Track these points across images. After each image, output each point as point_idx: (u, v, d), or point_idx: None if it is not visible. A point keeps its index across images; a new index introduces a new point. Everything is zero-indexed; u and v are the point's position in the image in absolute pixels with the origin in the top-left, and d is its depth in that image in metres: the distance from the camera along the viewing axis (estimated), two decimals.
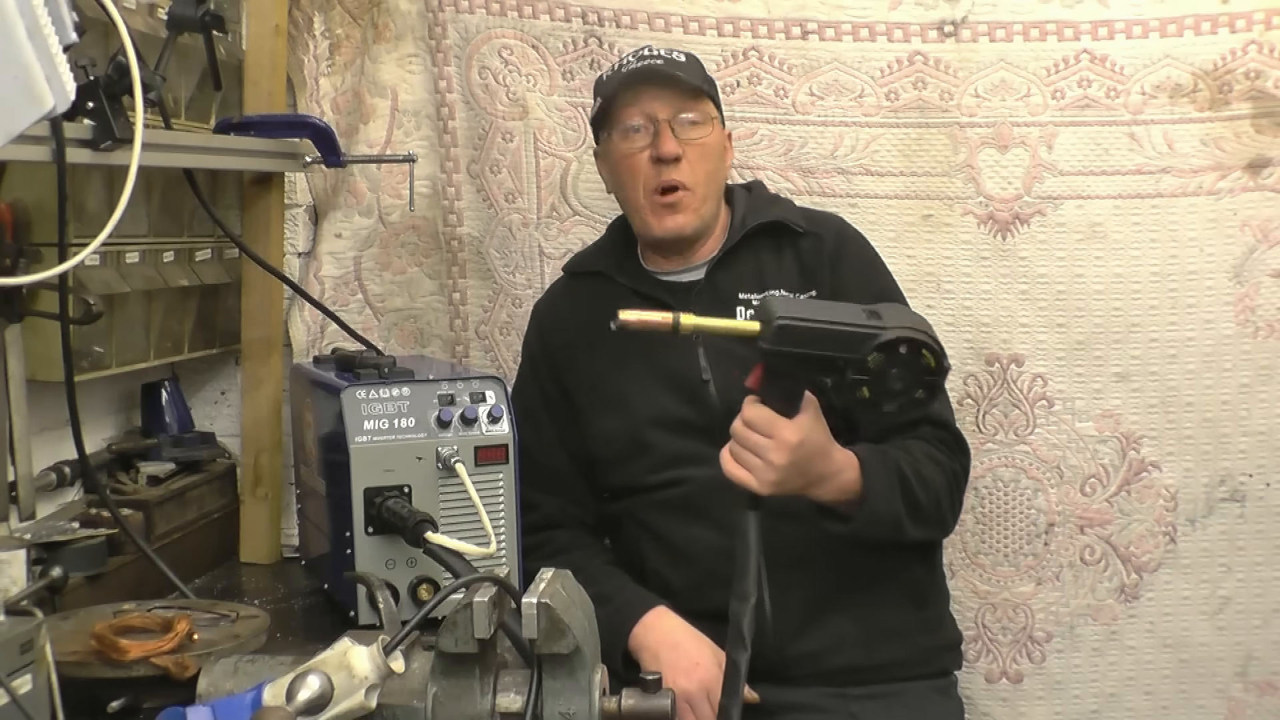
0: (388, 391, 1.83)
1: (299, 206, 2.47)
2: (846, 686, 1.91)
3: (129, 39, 1.47)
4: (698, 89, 1.95)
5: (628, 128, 1.96)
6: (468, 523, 1.78)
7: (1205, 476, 2.30)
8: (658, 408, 1.97)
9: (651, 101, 1.94)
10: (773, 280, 1.98)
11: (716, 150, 1.99)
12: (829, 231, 2.03)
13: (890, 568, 1.94)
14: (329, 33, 2.44)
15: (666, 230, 1.97)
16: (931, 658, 1.99)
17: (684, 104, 1.94)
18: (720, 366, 1.93)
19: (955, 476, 1.92)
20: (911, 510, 1.83)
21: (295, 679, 1.14)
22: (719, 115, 2.01)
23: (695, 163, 1.94)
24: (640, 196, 1.97)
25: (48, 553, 1.76)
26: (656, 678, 1.21)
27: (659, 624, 1.88)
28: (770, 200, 2.09)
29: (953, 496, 1.92)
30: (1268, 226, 2.27)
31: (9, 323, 1.71)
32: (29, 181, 1.74)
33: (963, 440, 1.97)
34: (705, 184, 1.96)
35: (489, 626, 1.15)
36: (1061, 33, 2.28)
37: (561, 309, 2.13)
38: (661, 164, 1.93)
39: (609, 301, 2.01)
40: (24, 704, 1.16)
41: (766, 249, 2.01)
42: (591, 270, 2.11)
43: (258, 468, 2.37)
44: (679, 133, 1.93)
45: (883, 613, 1.93)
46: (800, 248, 2.00)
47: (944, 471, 1.90)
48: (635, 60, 1.99)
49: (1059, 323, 2.30)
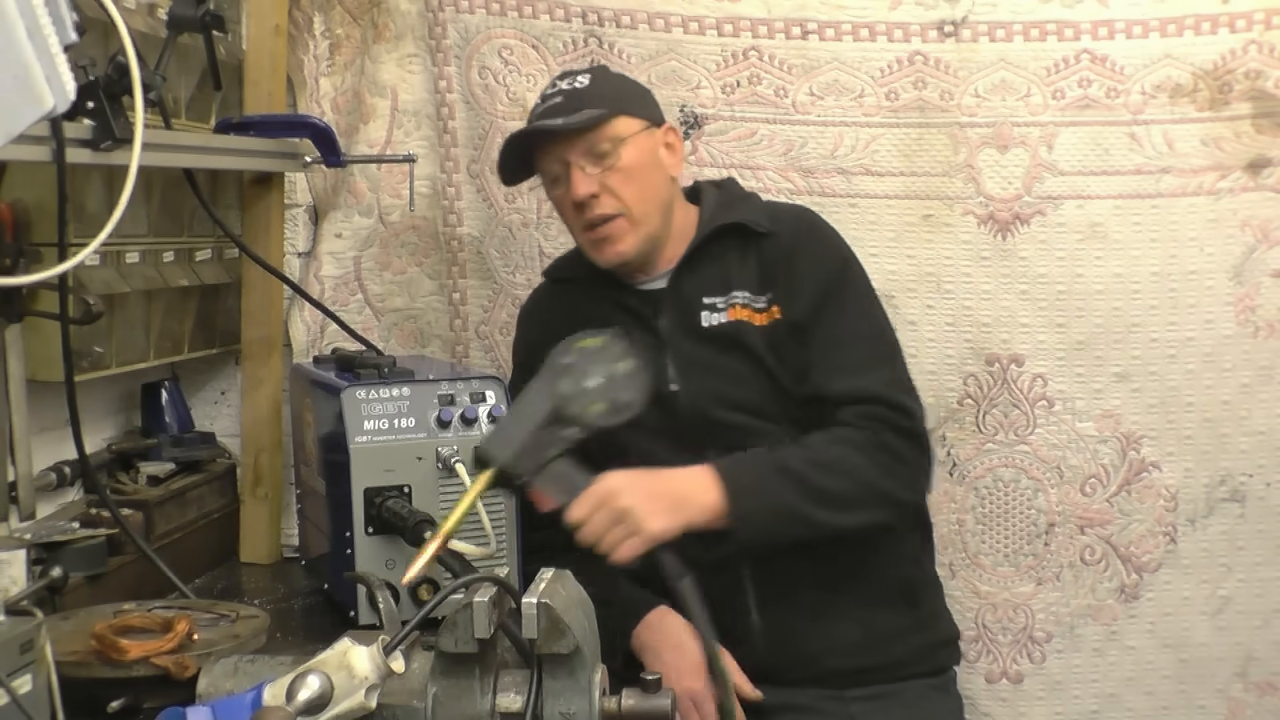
0: (388, 391, 1.83)
1: (299, 206, 2.47)
2: (844, 688, 1.91)
3: (129, 39, 1.47)
4: (598, 120, 1.91)
5: (551, 177, 1.96)
6: (468, 523, 1.77)
7: (1205, 476, 2.30)
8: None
9: (558, 147, 1.92)
10: (737, 282, 1.95)
11: (641, 165, 1.94)
12: (787, 230, 1.98)
13: (876, 566, 1.93)
14: (329, 33, 2.44)
15: (609, 261, 1.95)
16: (927, 655, 1.99)
17: (587, 140, 1.91)
18: (689, 375, 1.93)
19: (884, 448, 1.84)
20: (817, 498, 1.79)
21: (295, 679, 1.14)
22: (645, 120, 1.97)
23: (618, 188, 1.91)
24: (579, 235, 1.98)
25: (48, 553, 1.76)
26: (657, 678, 1.21)
27: (661, 624, 1.88)
28: (737, 199, 2.06)
29: (886, 468, 1.84)
30: (1268, 226, 2.27)
31: (9, 323, 1.71)
32: (29, 181, 1.73)
33: (897, 402, 1.88)
34: (638, 204, 1.93)
35: (489, 626, 1.15)
36: (1061, 33, 2.28)
37: (542, 316, 2.12)
38: (581, 206, 1.91)
39: (588, 308, 2.02)
40: (24, 704, 1.16)
41: (732, 250, 1.97)
42: (567, 277, 2.11)
43: (258, 468, 2.37)
44: (590, 168, 1.91)
45: (875, 614, 1.93)
46: (762, 248, 1.97)
47: (858, 447, 1.83)
48: (541, 102, 1.97)
49: (1059, 323, 2.30)
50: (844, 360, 1.90)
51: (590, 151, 1.91)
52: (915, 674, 1.96)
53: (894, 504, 1.89)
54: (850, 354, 1.91)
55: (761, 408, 1.91)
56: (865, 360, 1.92)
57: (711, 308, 1.95)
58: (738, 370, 1.91)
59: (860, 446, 1.84)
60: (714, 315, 1.95)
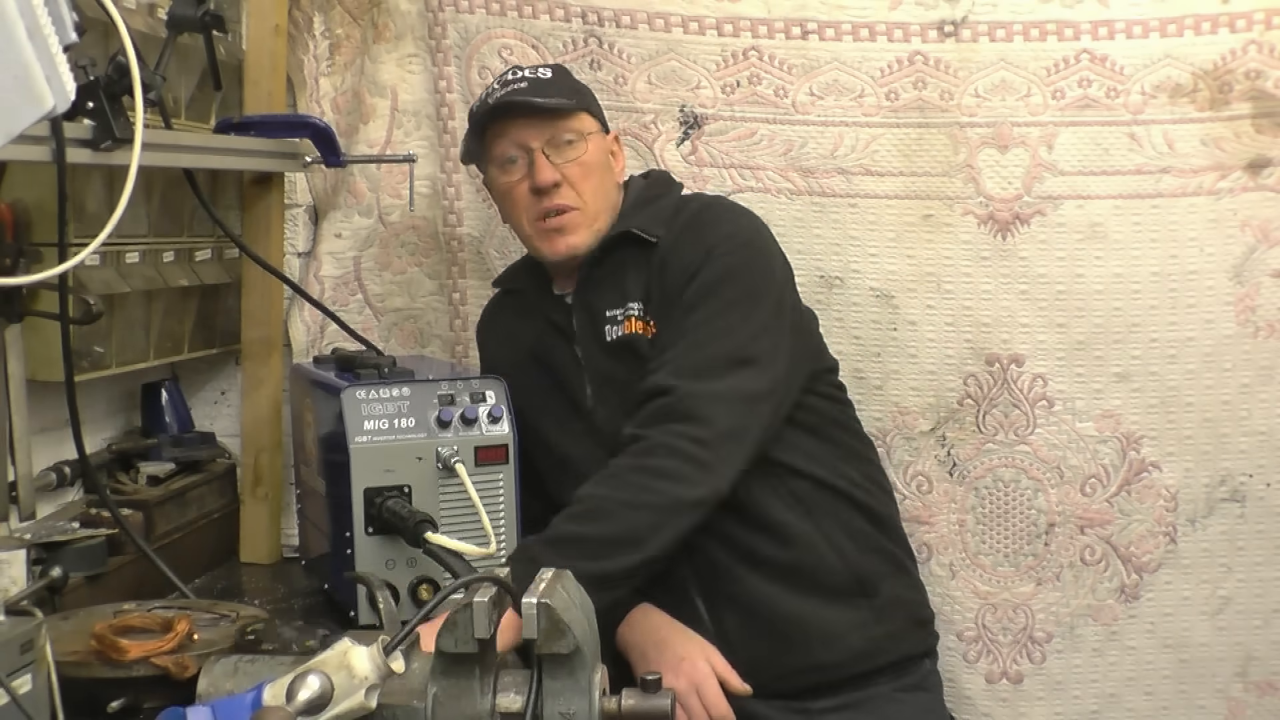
0: (388, 391, 1.83)
1: (299, 206, 2.47)
2: (808, 699, 1.89)
3: (129, 39, 1.47)
4: (567, 109, 1.92)
5: (503, 160, 1.94)
6: (468, 523, 1.78)
7: (1205, 477, 2.30)
8: (568, 431, 1.96)
9: (522, 131, 1.91)
10: (632, 294, 1.92)
11: (599, 164, 1.95)
12: (670, 232, 1.92)
13: (821, 559, 1.90)
14: (329, 33, 2.44)
15: (559, 254, 1.94)
16: (890, 646, 1.94)
17: (556, 127, 1.91)
18: (601, 392, 1.93)
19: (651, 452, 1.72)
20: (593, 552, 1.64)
21: (295, 679, 1.14)
22: (599, 124, 1.98)
23: (577, 182, 1.91)
24: (527, 225, 1.95)
25: (48, 553, 1.76)
26: (657, 678, 1.21)
27: (644, 621, 1.87)
28: (646, 201, 2.00)
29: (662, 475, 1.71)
30: (1268, 226, 2.27)
31: (9, 323, 1.71)
32: (29, 181, 1.74)
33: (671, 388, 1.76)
34: (593, 201, 1.93)
35: (489, 626, 1.15)
36: (1061, 33, 2.28)
37: (491, 331, 2.15)
38: (540, 193, 1.90)
39: (524, 321, 2.04)
40: (24, 704, 1.16)
41: (630, 258, 1.94)
42: (514, 288, 2.11)
43: (258, 468, 2.37)
44: (554, 157, 1.91)
45: (824, 608, 1.89)
46: (651, 255, 1.92)
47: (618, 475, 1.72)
48: (500, 87, 1.95)
49: (1059, 323, 2.30)
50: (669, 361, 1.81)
51: (554, 140, 1.91)
52: (880, 670, 1.92)
53: (693, 506, 1.73)
54: (681, 353, 1.81)
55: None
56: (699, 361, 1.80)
57: (612, 320, 1.93)
58: (634, 386, 1.85)
59: (621, 472, 1.73)
60: (614, 328, 1.92)
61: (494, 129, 1.94)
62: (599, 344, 1.94)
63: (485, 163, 2.00)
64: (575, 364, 1.97)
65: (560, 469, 1.98)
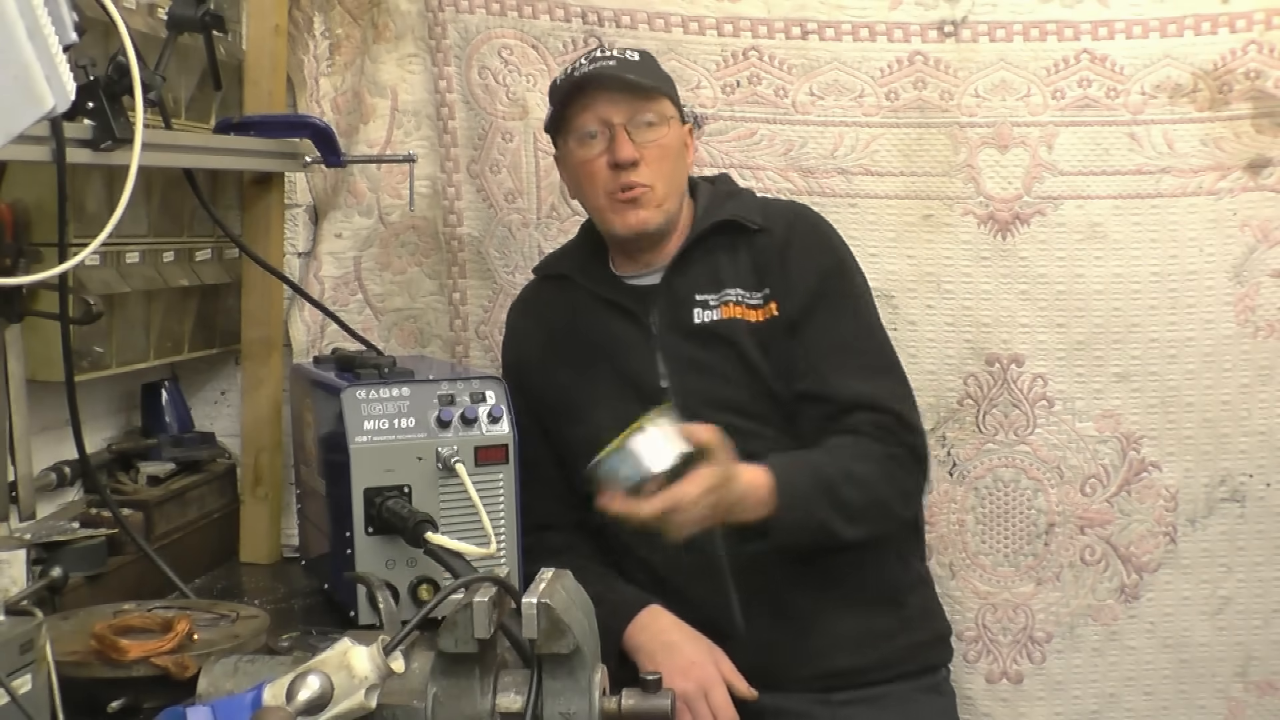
0: (388, 391, 1.83)
1: (299, 206, 2.47)
2: (831, 691, 1.91)
3: (129, 39, 1.47)
4: (653, 89, 1.93)
5: (583, 134, 1.94)
6: (468, 523, 1.78)
7: (1205, 477, 2.30)
8: (621, 415, 1.91)
9: (606, 106, 1.91)
10: (729, 280, 1.96)
11: (675, 149, 1.96)
12: (780, 226, 1.98)
13: (862, 569, 1.93)
14: (329, 33, 2.44)
15: (629, 227, 1.94)
16: (915, 654, 1.98)
17: (639, 106, 1.92)
18: (678, 373, 1.93)
19: (895, 461, 1.88)
20: (840, 511, 1.81)
21: (295, 679, 1.14)
22: (678, 112, 1.99)
23: (654, 163, 1.92)
24: (600, 199, 1.95)
25: (48, 553, 1.76)
26: (657, 677, 1.21)
27: (653, 623, 1.87)
28: (729, 195, 2.06)
29: (896, 484, 1.89)
30: (1268, 226, 2.27)
31: (9, 323, 1.71)
32: (29, 181, 1.73)
33: (906, 417, 1.92)
34: (666, 183, 1.94)
35: (489, 626, 1.15)
36: (1061, 33, 2.28)
37: (530, 316, 2.13)
38: (619, 169, 1.91)
39: (572, 304, 2.03)
40: (24, 704, 1.16)
41: (723, 248, 1.98)
42: (557, 273, 2.10)
43: (258, 468, 2.37)
44: (635, 136, 1.91)
45: (860, 615, 1.92)
46: (755, 245, 1.97)
47: (877, 461, 1.86)
48: (588, 63, 1.96)
49: (1059, 323, 2.30)
50: (849, 365, 1.91)
51: (637, 119, 1.92)
52: (902, 674, 1.95)
53: (893, 519, 1.93)
54: (856, 359, 1.93)
55: (746, 407, 1.91)
56: (872, 367, 1.94)
57: (704, 304, 1.95)
58: (726, 369, 1.91)
59: (877, 459, 1.86)
60: (707, 312, 1.95)
61: (579, 102, 1.93)
62: (682, 325, 1.95)
63: (563, 135, 1.99)
64: (644, 344, 1.96)
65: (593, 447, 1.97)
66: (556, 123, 1.99)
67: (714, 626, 1.89)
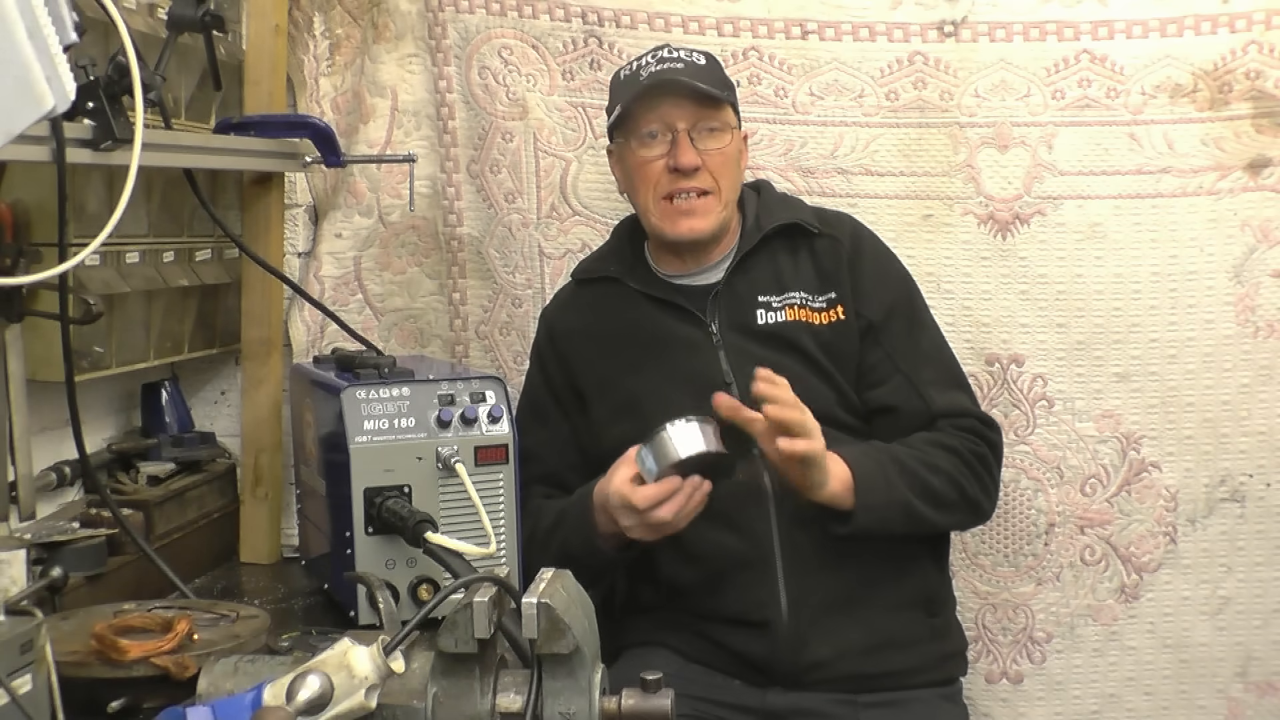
0: (388, 391, 1.83)
1: (299, 206, 2.47)
2: (856, 693, 1.91)
3: (129, 39, 1.47)
4: (718, 98, 1.94)
5: (645, 134, 1.94)
6: (468, 523, 1.78)
7: (1205, 477, 2.30)
8: (675, 411, 1.90)
9: (671, 110, 1.92)
10: (791, 282, 1.98)
11: (734, 157, 1.97)
12: (844, 233, 2.02)
13: (904, 573, 1.94)
14: (329, 33, 2.44)
15: (681, 234, 1.95)
16: (939, 664, 1.99)
17: (704, 114, 1.93)
18: (742, 369, 1.92)
19: (976, 457, 1.93)
20: (924, 496, 1.86)
21: (295, 679, 1.14)
22: (739, 121, 2.00)
23: (714, 170, 1.93)
24: (651, 201, 1.96)
25: (48, 553, 1.76)
26: (657, 677, 1.21)
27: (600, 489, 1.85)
28: (781, 200, 2.09)
29: (979, 478, 1.93)
30: (1268, 226, 2.27)
31: (9, 323, 1.71)
32: (29, 181, 1.74)
33: (987, 419, 2.00)
34: (725, 190, 1.96)
35: (489, 626, 1.15)
36: (1061, 33, 2.28)
37: (571, 314, 2.11)
38: (678, 173, 1.92)
39: (621, 305, 2.03)
40: (24, 704, 1.16)
41: (783, 251, 2.00)
42: (601, 276, 2.09)
43: (258, 468, 2.37)
44: (697, 142, 1.92)
45: (894, 620, 1.93)
46: (815, 249, 2.00)
47: (958, 455, 1.91)
48: (655, 63, 1.96)
49: (1059, 323, 2.30)
50: (934, 377, 1.98)
51: (700, 126, 1.93)
52: (925, 683, 1.96)
53: (979, 513, 1.99)
54: (939, 371, 2.01)
55: (810, 407, 1.89)
56: (954, 380, 2.03)
57: (767, 306, 1.96)
58: (790, 369, 1.90)
59: (959, 453, 1.91)
60: (770, 314, 1.96)
61: (644, 103, 1.94)
62: (744, 326, 1.96)
63: (624, 132, 1.98)
64: (706, 343, 1.97)
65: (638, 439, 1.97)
66: (618, 119, 1.99)
67: (756, 614, 1.89)
